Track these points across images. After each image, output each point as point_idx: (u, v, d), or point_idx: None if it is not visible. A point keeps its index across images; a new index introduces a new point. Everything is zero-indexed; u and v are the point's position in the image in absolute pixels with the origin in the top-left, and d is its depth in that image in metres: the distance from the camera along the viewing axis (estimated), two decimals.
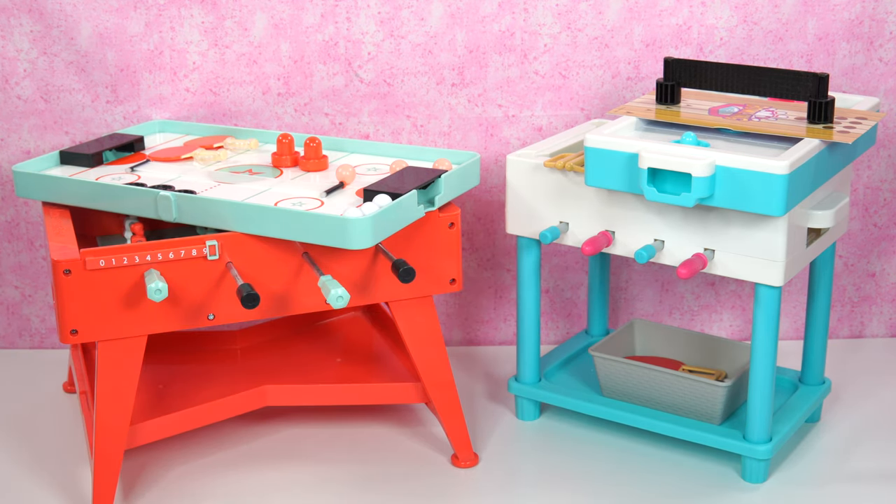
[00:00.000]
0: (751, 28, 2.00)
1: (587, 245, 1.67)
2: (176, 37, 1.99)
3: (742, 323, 2.18)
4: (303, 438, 1.85)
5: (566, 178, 1.73)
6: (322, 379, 1.82)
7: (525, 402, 1.90)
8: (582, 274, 2.16)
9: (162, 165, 1.83)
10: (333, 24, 2.00)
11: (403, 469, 1.76)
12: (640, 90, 2.04)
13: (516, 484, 1.73)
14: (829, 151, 1.62)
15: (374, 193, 1.59)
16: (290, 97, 2.03)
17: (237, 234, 1.58)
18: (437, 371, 1.73)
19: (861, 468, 1.75)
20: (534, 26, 2.00)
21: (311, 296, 1.64)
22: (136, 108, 2.02)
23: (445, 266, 1.69)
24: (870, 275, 2.17)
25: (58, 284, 1.52)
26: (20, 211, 2.08)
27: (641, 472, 1.75)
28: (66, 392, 2.01)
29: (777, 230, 1.57)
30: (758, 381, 1.66)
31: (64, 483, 1.72)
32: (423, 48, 2.01)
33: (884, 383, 2.02)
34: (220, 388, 1.77)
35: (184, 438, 1.84)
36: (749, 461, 1.71)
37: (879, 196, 2.11)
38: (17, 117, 2.02)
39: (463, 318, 2.19)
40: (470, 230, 2.13)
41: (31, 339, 2.17)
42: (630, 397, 1.82)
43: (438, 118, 2.05)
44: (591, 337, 2.07)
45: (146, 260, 1.54)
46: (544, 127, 2.06)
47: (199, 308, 1.59)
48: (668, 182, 1.58)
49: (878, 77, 2.03)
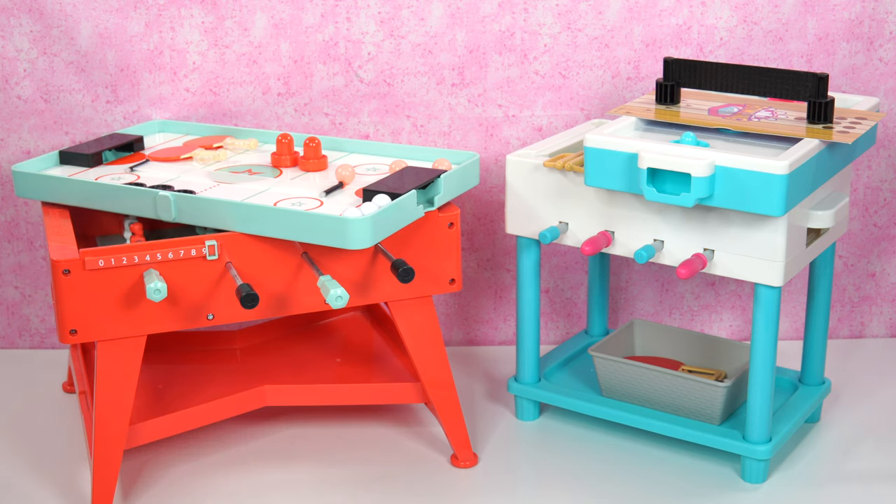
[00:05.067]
0: (751, 28, 2.00)
1: (587, 245, 1.67)
2: (176, 37, 1.99)
3: (742, 323, 2.18)
4: (303, 438, 1.85)
5: (566, 178, 1.73)
6: (322, 379, 1.82)
7: (524, 402, 1.90)
8: (582, 274, 2.16)
9: (161, 165, 1.83)
10: (333, 24, 2.00)
11: (403, 469, 1.76)
12: (640, 90, 2.04)
13: (516, 484, 1.73)
14: (829, 151, 1.62)
15: (373, 193, 1.59)
16: (290, 97, 2.03)
17: (236, 234, 1.58)
18: (436, 371, 1.73)
19: (861, 468, 1.75)
20: (534, 26, 2.00)
21: (310, 296, 1.64)
22: (135, 108, 2.02)
23: (445, 266, 1.69)
24: (870, 275, 2.17)
25: (57, 284, 1.52)
26: (20, 211, 2.08)
27: (641, 472, 1.75)
28: (66, 392, 2.01)
29: (777, 230, 1.57)
30: (758, 381, 1.66)
31: (63, 483, 1.72)
32: (423, 48, 2.01)
33: (884, 383, 2.02)
34: (219, 388, 1.77)
35: (183, 438, 1.84)
36: (749, 461, 1.70)
37: (879, 196, 2.11)
38: (17, 117, 2.02)
39: (462, 318, 2.19)
40: (470, 230, 2.13)
41: (30, 339, 2.17)
42: (630, 397, 1.82)
43: (438, 118, 2.05)
44: (591, 337, 2.07)
45: (145, 260, 1.54)
46: (544, 127, 2.06)
47: (199, 308, 1.59)
48: (668, 182, 1.58)
49: (878, 77, 2.03)
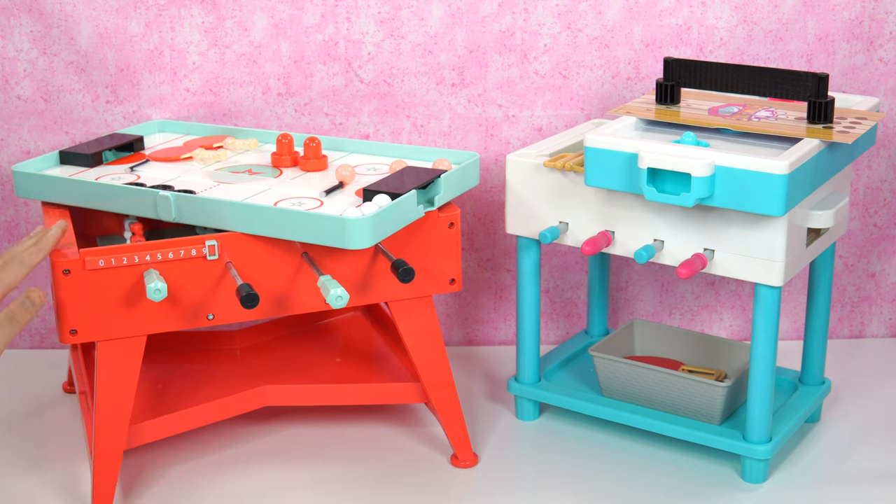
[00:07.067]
0: (751, 28, 2.00)
1: (587, 245, 1.67)
2: (176, 37, 1.99)
3: (742, 323, 2.18)
4: (303, 438, 1.85)
5: (566, 178, 1.73)
6: (322, 379, 1.82)
7: (524, 402, 1.90)
8: (582, 274, 2.16)
9: (161, 165, 1.82)
10: (333, 24, 2.00)
11: (403, 469, 1.76)
12: (640, 90, 2.04)
13: (516, 484, 1.73)
14: (829, 151, 1.62)
15: (373, 193, 1.59)
16: (290, 97, 2.03)
17: (237, 234, 1.58)
18: (436, 371, 1.73)
19: (861, 468, 1.75)
20: (534, 26, 2.00)
21: (310, 296, 1.64)
22: (136, 108, 2.02)
23: (445, 266, 1.69)
24: (870, 275, 2.17)
25: (57, 284, 1.52)
26: (20, 211, 2.08)
27: (641, 472, 1.75)
28: (66, 392, 2.01)
29: (777, 230, 1.57)
30: (757, 381, 1.66)
31: (63, 483, 1.72)
32: (423, 48, 2.01)
33: (884, 383, 2.02)
34: (219, 388, 1.77)
35: (183, 438, 1.84)
36: (749, 461, 1.70)
37: (879, 196, 2.11)
38: (17, 117, 2.02)
39: (463, 318, 2.19)
40: (470, 230, 2.13)
41: (30, 339, 2.17)
42: (630, 397, 1.82)
43: (438, 118, 2.05)
44: (591, 337, 2.07)
45: (146, 260, 1.54)
46: (544, 127, 2.06)
47: (199, 308, 1.59)
48: (668, 182, 1.58)
49: (878, 77, 2.03)
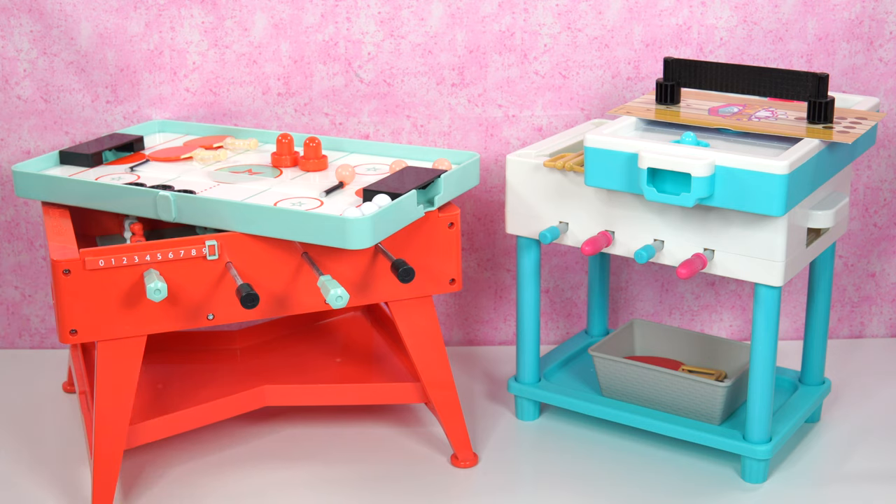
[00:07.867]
0: (751, 28, 2.00)
1: (587, 245, 1.67)
2: (176, 37, 1.99)
3: (742, 323, 2.18)
4: (303, 438, 1.85)
5: (566, 178, 1.73)
6: (322, 379, 1.82)
7: (525, 402, 1.90)
8: (582, 274, 2.16)
9: (161, 165, 1.82)
10: (333, 24, 2.00)
11: (403, 469, 1.76)
12: (640, 90, 2.04)
13: (516, 484, 1.73)
14: (829, 151, 1.62)
15: (373, 193, 1.59)
16: (290, 97, 2.03)
17: (237, 234, 1.58)
18: (436, 371, 1.73)
19: (861, 468, 1.75)
20: (534, 26, 2.00)
21: (310, 296, 1.64)
22: (136, 108, 2.02)
23: (445, 266, 1.69)
24: (870, 275, 2.17)
25: (57, 284, 1.52)
26: (20, 211, 2.08)
27: (641, 472, 1.75)
28: (66, 392, 2.01)
29: (777, 230, 1.57)
30: (757, 381, 1.66)
31: (63, 483, 1.72)
32: (423, 48, 2.01)
33: (884, 383, 2.02)
34: (219, 388, 1.77)
35: (183, 438, 1.84)
36: (749, 461, 1.70)
37: (879, 196, 2.11)
38: (17, 117, 2.02)
39: (463, 318, 2.19)
40: (470, 230, 2.13)
41: (30, 339, 2.17)
42: (630, 397, 1.82)
43: (438, 118, 2.05)
44: (591, 337, 2.07)
45: (146, 260, 1.54)
46: (544, 127, 2.06)
47: (199, 308, 1.59)
48: (668, 182, 1.58)
49: (878, 77, 2.03)
